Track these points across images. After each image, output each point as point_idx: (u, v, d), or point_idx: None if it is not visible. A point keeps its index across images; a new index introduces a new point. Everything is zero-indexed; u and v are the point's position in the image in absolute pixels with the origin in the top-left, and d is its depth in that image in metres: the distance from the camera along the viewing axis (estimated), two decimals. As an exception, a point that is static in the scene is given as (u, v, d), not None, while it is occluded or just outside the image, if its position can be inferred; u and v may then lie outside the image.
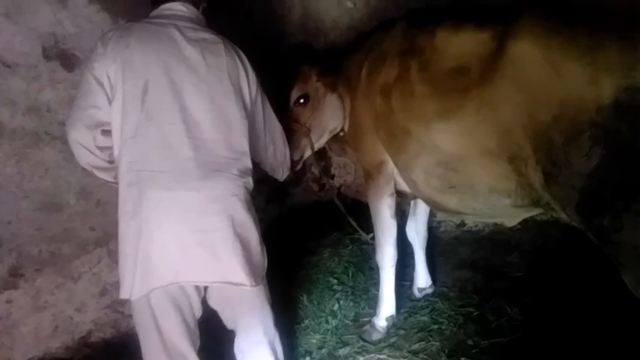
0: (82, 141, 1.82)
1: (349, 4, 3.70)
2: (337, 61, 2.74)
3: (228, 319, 2.05)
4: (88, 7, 2.49)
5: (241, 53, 2.06)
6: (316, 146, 2.75)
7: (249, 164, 1.97)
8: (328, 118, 2.71)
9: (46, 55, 2.39)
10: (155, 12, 2.02)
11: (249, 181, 1.98)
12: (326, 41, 3.70)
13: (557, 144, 1.53)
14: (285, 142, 2.36)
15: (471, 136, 1.84)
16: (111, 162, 1.88)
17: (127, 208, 1.76)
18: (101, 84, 1.77)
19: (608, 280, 1.95)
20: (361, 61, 2.51)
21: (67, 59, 2.45)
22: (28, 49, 2.33)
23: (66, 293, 2.64)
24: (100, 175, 1.95)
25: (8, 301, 2.47)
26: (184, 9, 2.01)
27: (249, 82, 2.03)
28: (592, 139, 1.43)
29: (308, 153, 2.76)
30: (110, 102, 1.78)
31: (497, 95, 1.71)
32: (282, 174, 2.46)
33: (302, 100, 2.64)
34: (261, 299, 2.04)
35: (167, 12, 2.00)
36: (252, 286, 1.88)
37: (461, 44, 1.86)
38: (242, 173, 1.93)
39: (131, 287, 1.74)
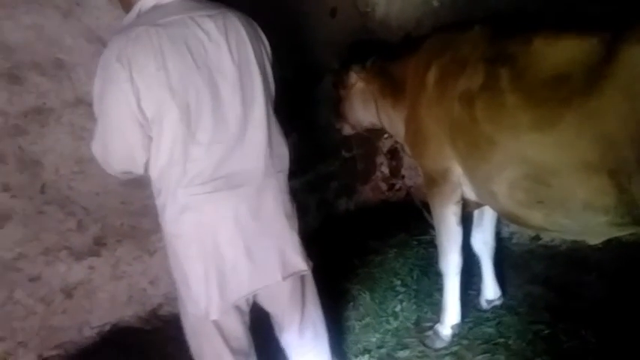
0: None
1: (435, 4, 3.62)
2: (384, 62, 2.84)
3: (276, 314, 2.07)
4: None
5: (255, 25, 1.85)
6: (353, 127, 3.27)
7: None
8: (355, 108, 3.09)
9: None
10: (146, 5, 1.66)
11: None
12: (408, 40, 3.64)
13: (668, 157, 1.43)
14: None
15: (569, 148, 1.75)
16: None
17: (185, 230, 1.75)
18: (142, 112, 1.59)
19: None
20: (423, 66, 2.42)
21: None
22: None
23: (142, 266, 2.78)
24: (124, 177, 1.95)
25: (90, 267, 2.64)
26: None
27: (269, 57, 1.89)
28: None
29: (347, 129, 3.32)
30: (150, 130, 1.63)
31: (603, 104, 1.62)
32: None
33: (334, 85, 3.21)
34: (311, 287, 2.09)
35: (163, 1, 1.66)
36: (310, 270, 1.96)
37: (562, 52, 1.77)
38: (283, 168, 1.92)
39: (206, 305, 1.74)
